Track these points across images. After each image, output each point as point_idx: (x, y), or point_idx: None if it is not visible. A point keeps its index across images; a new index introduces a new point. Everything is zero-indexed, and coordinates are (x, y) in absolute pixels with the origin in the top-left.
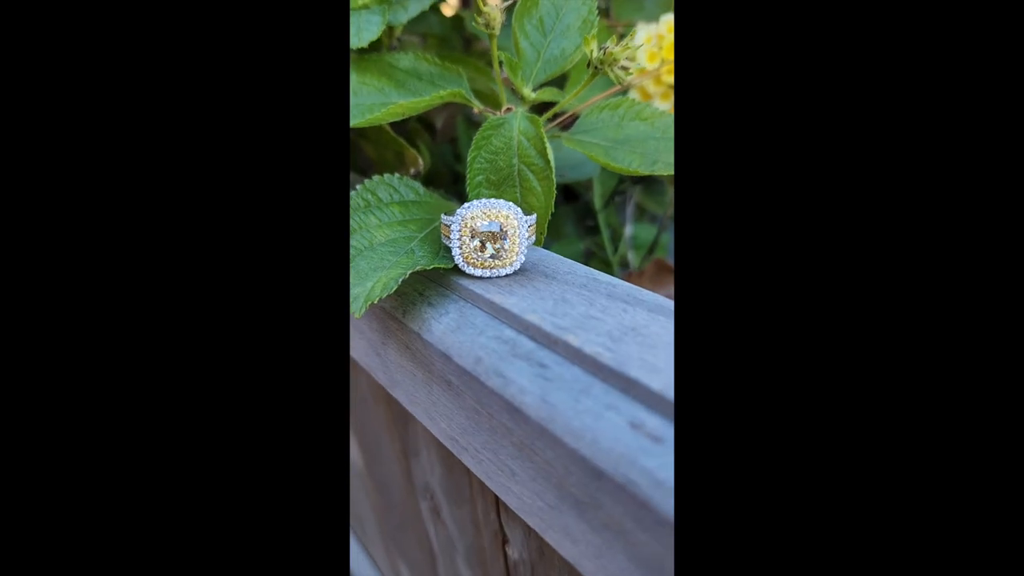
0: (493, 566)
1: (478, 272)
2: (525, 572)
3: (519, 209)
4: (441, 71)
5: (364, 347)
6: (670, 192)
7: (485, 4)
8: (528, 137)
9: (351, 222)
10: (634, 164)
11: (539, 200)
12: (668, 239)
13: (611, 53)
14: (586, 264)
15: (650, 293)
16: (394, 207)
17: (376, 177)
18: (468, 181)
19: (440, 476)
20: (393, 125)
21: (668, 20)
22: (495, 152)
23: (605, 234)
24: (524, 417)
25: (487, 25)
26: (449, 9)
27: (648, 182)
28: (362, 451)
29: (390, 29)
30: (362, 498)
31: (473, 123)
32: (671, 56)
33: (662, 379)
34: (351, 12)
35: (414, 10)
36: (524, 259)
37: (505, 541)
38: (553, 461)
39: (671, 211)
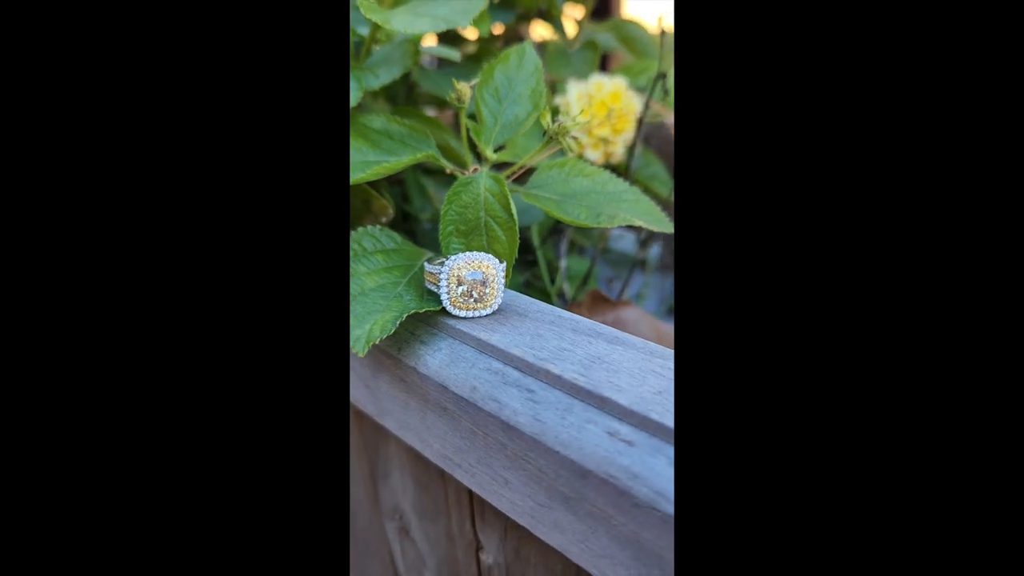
0: (466, 574)
1: (463, 313)
2: (500, 574)
3: (496, 259)
4: (410, 131)
5: (352, 380)
6: (598, 232)
7: (459, 82)
8: (493, 193)
9: None
10: (582, 216)
11: (503, 247)
12: (599, 270)
13: (564, 126)
14: (526, 292)
15: (606, 327)
16: (378, 255)
17: (360, 229)
18: (441, 230)
19: (412, 495)
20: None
21: (596, 80)
22: (464, 206)
23: (544, 268)
24: (519, 433)
25: (458, 99)
26: None
27: None
28: None
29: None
30: None
31: (424, 170)
32: (601, 112)
33: (628, 397)
34: None
35: (385, 78)
36: (501, 301)
37: (479, 548)
38: (544, 468)
39: (601, 246)
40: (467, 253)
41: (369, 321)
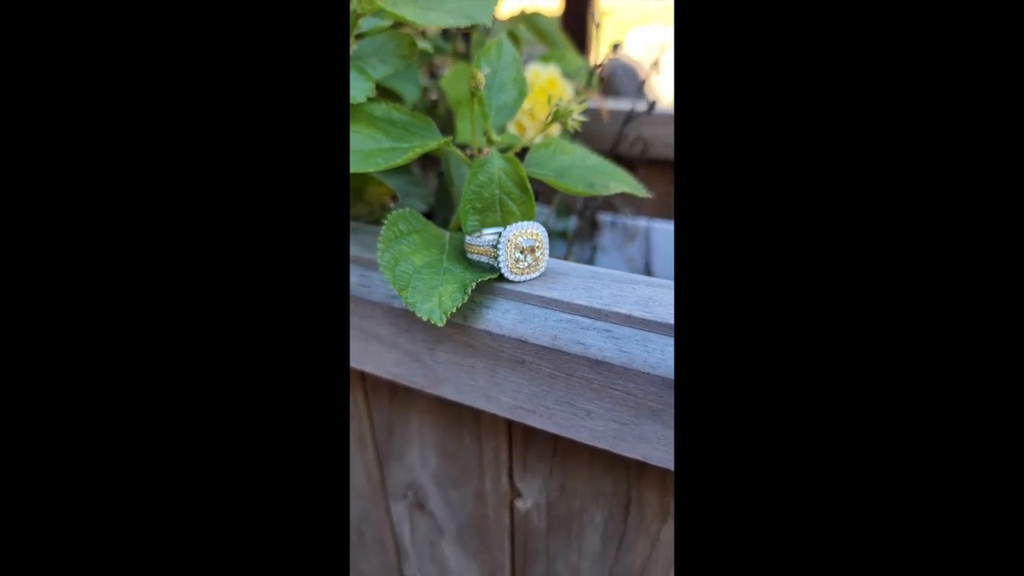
0: (496, 528)
1: (519, 278)
2: (539, 515)
3: (543, 227)
4: (412, 119)
5: (397, 358)
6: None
7: (478, 69)
8: (506, 172)
9: (392, 252)
10: (579, 187)
11: (519, 221)
12: None
13: (569, 108)
14: None
15: (637, 276)
16: (414, 235)
17: (395, 212)
18: (460, 208)
19: (434, 466)
20: None
21: (533, 68)
22: (480, 185)
23: None
24: (608, 367)
25: (476, 87)
26: None
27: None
28: None
29: None
30: None
31: None
32: (540, 98)
33: None
34: None
35: (381, 70)
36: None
37: (516, 497)
38: (633, 390)
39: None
40: (520, 223)
41: (435, 294)
